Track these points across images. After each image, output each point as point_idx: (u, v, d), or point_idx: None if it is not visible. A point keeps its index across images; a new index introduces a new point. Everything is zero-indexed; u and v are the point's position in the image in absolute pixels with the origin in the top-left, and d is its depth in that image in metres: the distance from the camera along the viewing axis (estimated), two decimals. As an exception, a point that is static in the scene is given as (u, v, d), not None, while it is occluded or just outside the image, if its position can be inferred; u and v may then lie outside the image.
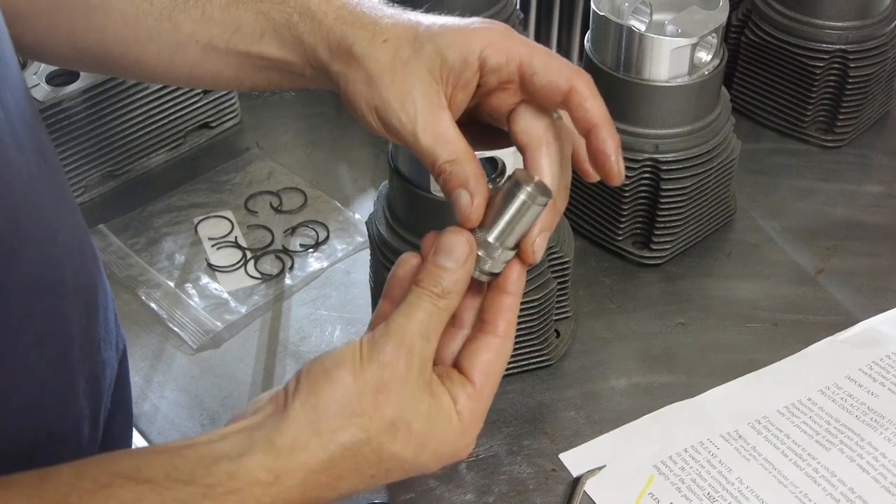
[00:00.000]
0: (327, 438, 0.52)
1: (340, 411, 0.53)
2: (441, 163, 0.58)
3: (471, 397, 0.56)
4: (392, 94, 0.59)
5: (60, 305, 0.58)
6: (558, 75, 0.58)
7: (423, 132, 0.58)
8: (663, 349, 0.90)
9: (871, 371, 0.88)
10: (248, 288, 0.96)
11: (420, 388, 0.54)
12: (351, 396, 0.53)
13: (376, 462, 0.54)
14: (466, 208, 0.57)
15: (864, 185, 1.08)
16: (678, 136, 0.92)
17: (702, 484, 0.79)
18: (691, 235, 0.99)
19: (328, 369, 0.53)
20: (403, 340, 0.54)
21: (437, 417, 0.55)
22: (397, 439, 0.54)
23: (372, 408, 0.53)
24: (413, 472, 0.56)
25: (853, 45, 1.07)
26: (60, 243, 0.58)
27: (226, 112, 1.13)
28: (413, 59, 0.59)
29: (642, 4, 0.92)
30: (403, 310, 0.55)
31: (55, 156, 0.61)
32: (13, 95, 0.54)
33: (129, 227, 1.03)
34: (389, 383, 0.53)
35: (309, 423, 0.52)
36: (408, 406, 0.54)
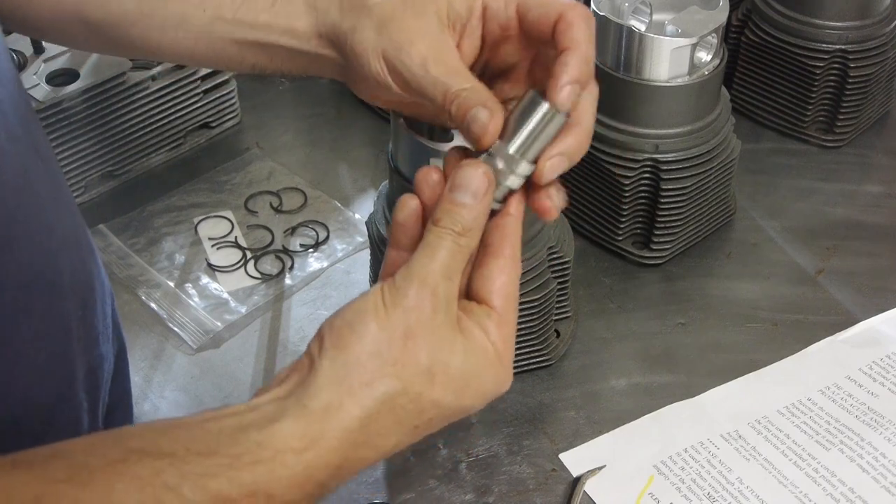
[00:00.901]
0: (361, 394, 0.50)
1: (371, 363, 0.50)
2: (455, 89, 0.56)
3: (499, 324, 0.54)
4: (402, 34, 0.58)
5: (58, 299, 0.58)
6: (549, 6, 0.57)
7: (433, 65, 0.57)
8: (663, 349, 0.90)
9: (871, 371, 0.88)
10: (248, 288, 0.96)
11: (449, 328, 0.52)
12: (380, 345, 0.51)
13: (416, 412, 0.51)
14: (484, 124, 0.54)
15: (864, 185, 1.08)
16: (678, 136, 0.92)
17: (702, 484, 0.79)
18: (691, 235, 0.98)
19: (351, 322, 0.51)
20: (426, 282, 0.52)
21: (474, 353, 0.53)
22: (436, 384, 0.51)
23: (403, 355, 0.51)
24: (456, 416, 0.53)
25: (853, 45, 1.07)
26: (56, 237, 0.58)
27: (226, 112, 1.13)
28: (422, 4, 0.59)
29: (642, 4, 0.92)
30: (424, 251, 0.53)
31: (51, 151, 0.61)
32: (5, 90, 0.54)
33: (129, 227, 1.03)
34: (417, 328, 0.51)
35: (340, 380, 0.50)
36: (441, 348, 0.52)
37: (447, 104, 0.57)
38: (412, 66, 0.58)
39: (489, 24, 0.60)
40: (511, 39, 0.60)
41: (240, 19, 0.64)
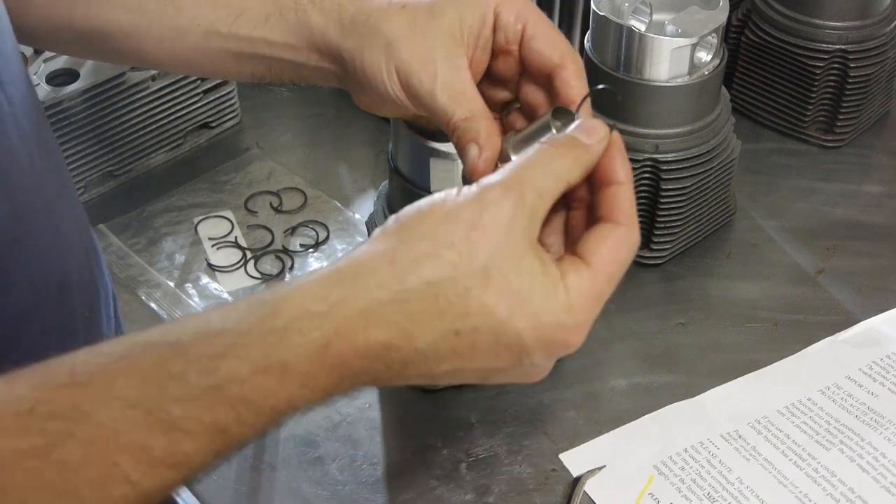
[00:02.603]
0: (404, 267, 0.45)
1: (424, 240, 0.46)
2: (455, 120, 0.57)
3: (583, 277, 0.48)
4: (412, 55, 0.58)
5: (65, 298, 0.58)
6: (554, 48, 0.59)
7: (441, 91, 0.58)
8: (663, 349, 0.90)
9: (871, 371, 0.88)
10: (248, 288, 0.96)
11: (525, 242, 0.47)
12: (441, 228, 0.46)
13: (462, 312, 0.46)
14: (474, 160, 0.56)
15: (864, 185, 1.08)
16: (678, 136, 0.92)
17: (702, 484, 0.79)
18: (691, 235, 0.98)
19: (420, 204, 0.48)
20: (513, 184, 0.48)
21: (541, 280, 0.47)
22: (489, 288, 0.46)
23: (463, 242, 0.46)
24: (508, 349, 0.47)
25: (853, 45, 1.07)
26: (64, 236, 0.58)
27: (226, 112, 1.13)
28: (433, 24, 0.59)
29: (642, 4, 0.92)
30: (521, 160, 0.49)
31: (58, 150, 0.62)
32: (17, 90, 0.54)
33: (129, 227, 1.03)
34: (489, 223, 0.46)
35: (385, 251, 0.46)
36: (508, 255, 0.46)
37: (450, 132, 0.58)
38: (421, 91, 0.58)
39: (497, 34, 0.60)
40: (511, 53, 0.61)
41: (235, 33, 0.64)
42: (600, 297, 0.50)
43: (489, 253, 0.46)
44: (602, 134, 0.51)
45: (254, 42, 0.64)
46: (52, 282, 0.56)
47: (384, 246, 0.46)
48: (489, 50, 0.61)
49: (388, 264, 0.45)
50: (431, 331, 0.45)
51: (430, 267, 0.45)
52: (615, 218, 0.51)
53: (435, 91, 0.58)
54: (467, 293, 0.46)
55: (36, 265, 0.54)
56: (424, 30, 0.59)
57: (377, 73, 0.60)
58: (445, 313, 0.45)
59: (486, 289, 0.46)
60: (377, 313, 0.44)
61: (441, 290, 0.45)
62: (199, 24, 0.64)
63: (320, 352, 0.43)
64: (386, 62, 0.59)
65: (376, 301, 0.44)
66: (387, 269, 0.45)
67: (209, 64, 0.67)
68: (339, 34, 0.61)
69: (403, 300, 0.45)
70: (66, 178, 0.62)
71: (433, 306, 0.45)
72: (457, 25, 0.59)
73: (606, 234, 0.50)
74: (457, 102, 0.58)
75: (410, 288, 0.45)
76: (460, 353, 0.46)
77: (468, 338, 0.46)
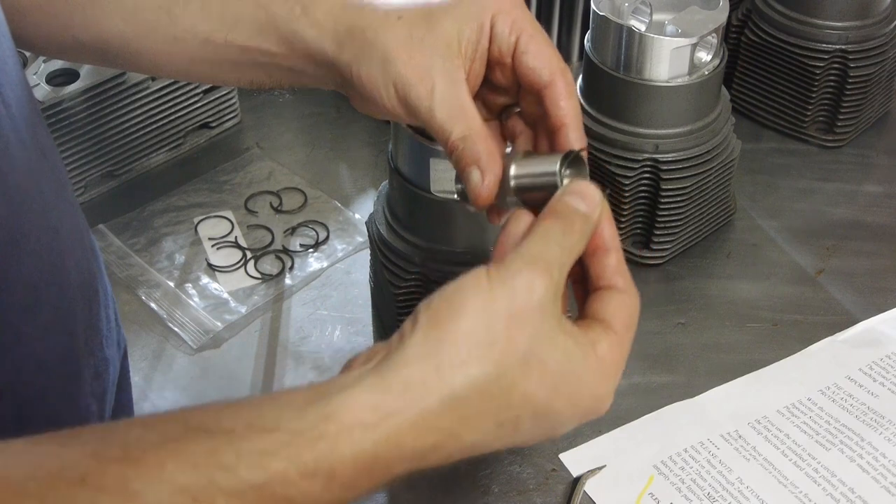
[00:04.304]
0: (452, 373, 0.45)
1: (468, 342, 0.46)
2: (453, 139, 0.57)
3: (613, 343, 0.51)
4: (410, 70, 0.58)
5: (64, 298, 0.58)
6: (544, 65, 0.58)
7: (438, 107, 0.57)
8: (663, 349, 0.90)
9: (871, 371, 0.88)
10: (248, 288, 0.96)
11: (556, 321, 0.48)
12: (479, 325, 0.46)
13: (506, 405, 0.47)
14: (477, 186, 0.56)
15: (864, 185, 1.08)
16: (678, 136, 0.92)
17: (702, 484, 0.79)
18: (691, 235, 0.99)
19: (451, 298, 0.47)
20: (539, 264, 0.48)
21: (575, 355, 0.49)
22: (531, 376, 0.47)
23: (505, 338, 0.46)
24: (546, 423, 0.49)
25: (853, 45, 1.07)
26: (62, 237, 0.58)
27: (226, 112, 1.13)
28: (430, 36, 0.58)
29: (642, 4, 0.92)
30: (536, 239, 0.50)
31: (56, 152, 0.61)
32: (13, 91, 0.54)
33: (129, 227, 1.03)
34: (525, 311, 0.47)
35: (429, 356, 0.46)
36: (544, 338, 0.48)
37: (448, 152, 0.57)
38: (419, 107, 0.58)
39: (492, 45, 0.60)
40: (506, 65, 0.60)
41: (231, 42, 0.63)
42: (625, 360, 0.52)
43: (528, 341, 0.47)
44: (598, 199, 0.53)
45: (249, 51, 0.63)
46: (51, 283, 0.56)
47: (425, 349, 0.46)
48: (485, 58, 0.60)
49: (434, 371, 0.46)
50: (476, 429, 0.47)
51: (476, 369, 0.46)
52: (620, 286, 0.53)
53: (433, 107, 0.57)
54: (512, 386, 0.47)
55: (34, 266, 0.54)
56: (422, 43, 0.58)
57: (375, 87, 0.59)
58: (491, 410, 0.47)
59: (527, 378, 0.47)
60: (427, 422, 0.45)
61: (486, 389, 0.46)
62: (195, 34, 0.64)
63: (369, 462, 0.45)
64: (383, 77, 0.59)
65: (426, 411, 0.45)
66: (433, 376, 0.45)
67: (207, 72, 0.67)
68: (334, 47, 0.60)
69: (453, 407, 0.46)
70: (64, 181, 0.62)
71: (480, 406, 0.46)
72: (455, 38, 0.58)
73: (622, 301, 0.53)
74: (454, 120, 0.57)
75: (459, 395, 0.46)
76: (501, 437, 0.48)
77: (510, 426, 0.48)
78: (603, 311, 0.52)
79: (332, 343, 0.91)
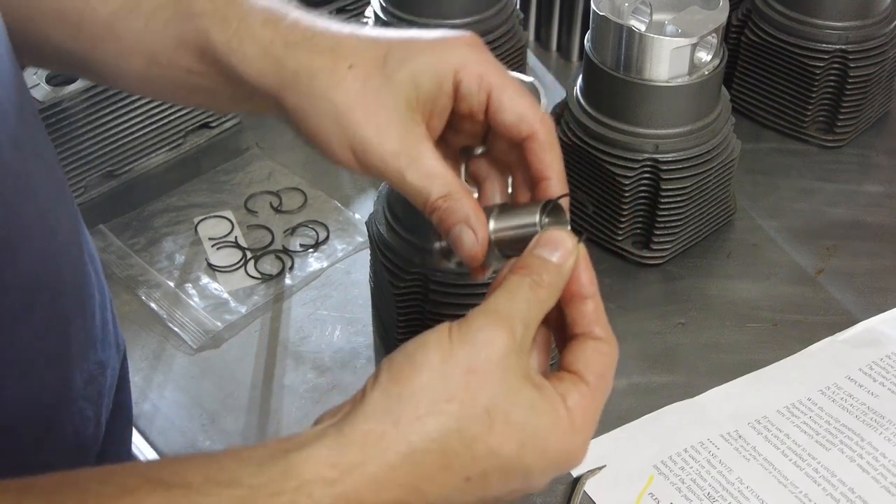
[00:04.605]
0: (410, 427, 0.45)
1: (426, 396, 0.46)
2: (434, 199, 0.54)
3: (584, 395, 0.49)
4: (369, 129, 0.55)
5: (59, 301, 0.58)
6: (522, 119, 0.56)
7: (408, 169, 0.55)
8: (663, 349, 0.90)
9: (871, 371, 0.88)
10: (248, 288, 0.96)
11: (520, 376, 0.48)
12: (438, 380, 0.46)
13: (470, 460, 0.46)
14: (472, 246, 0.54)
15: (864, 185, 1.08)
16: (678, 136, 0.92)
17: (702, 484, 0.79)
18: (691, 235, 0.99)
19: (412, 354, 0.47)
20: (503, 320, 0.48)
21: (542, 408, 0.48)
22: (493, 431, 0.46)
23: (463, 391, 0.46)
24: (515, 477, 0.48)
25: (853, 45, 1.07)
26: (59, 240, 0.57)
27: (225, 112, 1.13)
28: (386, 89, 0.55)
29: (642, 4, 0.92)
30: (502, 293, 0.49)
31: (53, 154, 0.61)
32: (6, 92, 0.54)
33: (129, 227, 1.03)
34: (484, 364, 0.47)
35: (387, 411, 0.45)
36: (505, 392, 0.47)
37: (428, 212, 0.55)
38: (386, 170, 0.55)
39: (460, 103, 0.57)
40: (476, 121, 0.58)
41: (175, 64, 0.61)
42: (598, 411, 0.51)
43: (489, 395, 0.46)
44: (571, 248, 0.52)
45: (192, 73, 0.60)
46: (46, 285, 0.56)
47: (384, 404, 0.46)
48: (445, 118, 0.58)
49: (392, 426, 0.45)
50: (442, 484, 0.46)
51: (434, 423, 0.45)
52: (597, 334, 0.52)
53: (401, 169, 0.54)
54: (474, 441, 0.46)
55: (29, 268, 0.54)
56: (377, 97, 0.55)
57: (327, 141, 0.56)
58: (454, 465, 0.46)
59: (490, 432, 0.46)
60: (387, 477, 0.44)
61: (448, 444, 0.46)
62: (140, 52, 0.61)
63: None
64: (338, 133, 0.55)
65: (386, 465, 0.44)
66: (392, 431, 0.45)
67: (156, 90, 0.64)
68: (277, 87, 0.57)
69: (413, 462, 0.45)
70: (61, 183, 0.61)
71: (441, 461, 0.46)
72: (412, 92, 0.55)
73: (596, 349, 0.52)
74: (429, 179, 0.55)
75: (418, 449, 0.45)
76: (471, 491, 0.47)
77: (479, 481, 0.47)
78: (576, 362, 0.51)
79: (332, 343, 0.91)
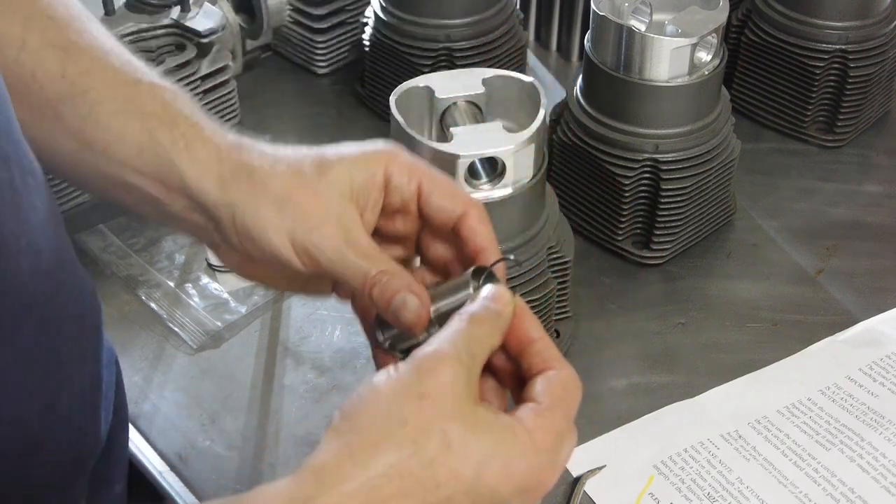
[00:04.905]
0: (365, 455, 0.45)
1: (379, 424, 0.46)
2: (374, 274, 0.56)
3: (541, 415, 0.50)
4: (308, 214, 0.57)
5: (48, 317, 0.57)
6: (455, 200, 0.59)
7: (348, 250, 0.57)
8: (663, 349, 0.90)
9: (871, 371, 0.88)
10: (249, 288, 0.96)
11: (471, 400, 0.48)
12: (390, 408, 0.46)
13: (432, 484, 0.46)
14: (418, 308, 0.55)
15: (864, 185, 1.08)
16: (678, 136, 0.92)
17: (702, 484, 0.79)
18: (691, 235, 0.98)
19: (361, 393, 0.48)
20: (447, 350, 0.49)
21: (499, 429, 0.48)
22: (452, 452, 0.46)
23: (416, 414, 0.46)
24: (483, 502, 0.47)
25: (853, 45, 1.07)
26: (47, 259, 0.56)
27: (226, 112, 1.13)
28: (322, 182, 0.58)
29: (642, 4, 0.92)
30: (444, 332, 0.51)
31: (42, 173, 0.60)
32: None
33: (129, 227, 1.03)
34: (435, 388, 0.47)
35: (343, 445, 0.46)
36: (460, 414, 0.47)
37: (367, 288, 0.56)
38: (326, 251, 0.57)
39: (390, 196, 0.59)
40: (409, 212, 0.60)
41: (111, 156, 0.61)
42: (562, 435, 0.50)
43: (443, 418, 0.46)
44: (506, 299, 0.53)
45: (124, 167, 0.60)
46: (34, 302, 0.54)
47: (339, 442, 0.46)
48: (378, 212, 0.60)
49: (347, 457, 0.45)
50: None
51: (389, 448, 0.45)
52: (553, 365, 0.52)
53: (341, 248, 0.56)
54: (432, 464, 0.46)
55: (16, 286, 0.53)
56: (315, 188, 0.57)
57: (263, 232, 0.57)
58: (415, 490, 0.45)
59: (449, 454, 0.46)
60: None
61: (406, 468, 0.45)
62: (76, 136, 0.61)
63: None
64: (276, 220, 0.57)
65: (344, 495, 0.44)
66: (347, 461, 0.45)
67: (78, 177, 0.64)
68: (216, 187, 0.58)
69: (371, 487, 0.45)
70: (50, 202, 0.59)
71: (402, 486, 0.45)
72: (347, 183, 0.58)
73: (552, 377, 0.52)
74: (369, 260, 0.56)
75: (375, 474, 0.45)
76: None
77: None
78: (531, 391, 0.52)
79: (332, 343, 0.91)
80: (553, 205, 0.86)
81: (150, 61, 1.05)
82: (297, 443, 0.82)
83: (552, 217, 0.85)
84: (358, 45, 1.16)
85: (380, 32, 1.09)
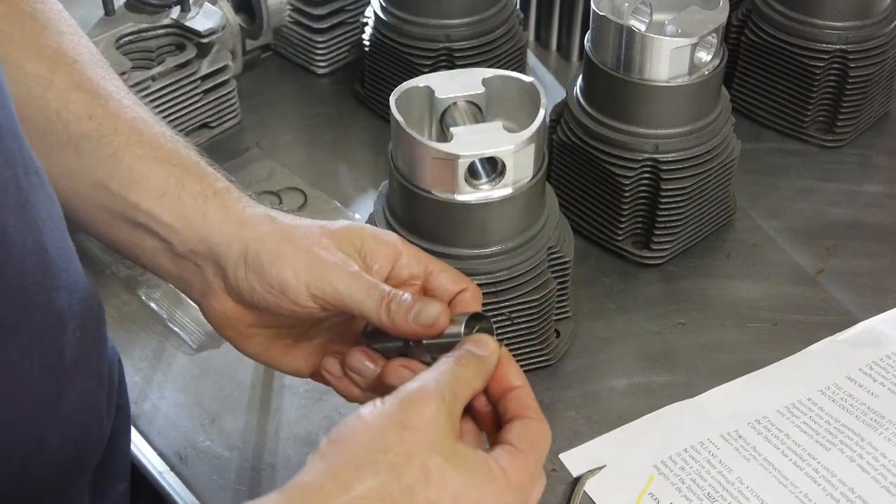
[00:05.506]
0: (348, 477, 0.48)
1: (362, 449, 0.49)
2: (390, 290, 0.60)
3: (515, 457, 0.53)
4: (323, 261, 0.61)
5: (52, 316, 0.57)
6: (457, 280, 0.64)
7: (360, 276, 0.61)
8: (663, 349, 0.90)
9: (871, 371, 0.88)
10: (248, 288, 0.96)
11: (452, 435, 0.51)
12: (373, 434, 0.49)
13: None
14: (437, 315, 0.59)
15: (864, 185, 1.08)
16: (678, 136, 0.92)
17: (702, 484, 0.79)
18: (691, 235, 0.99)
19: (346, 421, 0.51)
20: (431, 387, 0.52)
21: (475, 464, 0.51)
22: (431, 483, 0.49)
23: (398, 444, 0.49)
24: None
25: (853, 45, 1.07)
26: (51, 257, 0.56)
27: (226, 112, 1.13)
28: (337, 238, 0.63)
29: (642, 4, 0.92)
30: (430, 370, 0.54)
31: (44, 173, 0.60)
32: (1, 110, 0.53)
33: (129, 227, 1.02)
34: (417, 422, 0.50)
35: (328, 466, 0.48)
36: (439, 448, 0.50)
37: (383, 303, 0.59)
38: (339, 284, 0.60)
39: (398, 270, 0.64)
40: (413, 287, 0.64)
41: (123, 196, 0.63)
42: (533, 477, 0.53)
43: (423, 449, 0.49)
44: (493, 347, 0.57)
45: (137, 208, 0.63)
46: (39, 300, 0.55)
47: (324, 464, 0.48)
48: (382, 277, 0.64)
49: (331, 479, 0.47)
50: None
51: (371, 472, 0.48)
52: (528, 414, 0.55)
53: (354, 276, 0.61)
54: (411, 491, 0.48)
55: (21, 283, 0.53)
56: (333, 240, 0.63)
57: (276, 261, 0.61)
58: None
59: (427, 484, 0.49)
60: None
61: (386, 491, 0.48)
62: (93, 173, 0.63)
63: None
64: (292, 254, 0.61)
65: None
66: (331, 483, 0.47)
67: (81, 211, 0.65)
68: (238, 228, 0.63)
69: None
70: (54, 200, 0.60)
71: None
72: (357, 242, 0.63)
73: (526, 425, 0.55)
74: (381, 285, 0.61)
75: (357, 495, 0.47)
76: None
77: None
78: (507, 435, 0.54)
79: (332, 343, 0.91)
80: (553, 205, 0.86)
81: (150, 61, 1.05)
82: (297, 443, 0.82)
83: (552, 217, 0.85)
84: (358, 45, 1.17)
85: (380, 32, 1.09)
